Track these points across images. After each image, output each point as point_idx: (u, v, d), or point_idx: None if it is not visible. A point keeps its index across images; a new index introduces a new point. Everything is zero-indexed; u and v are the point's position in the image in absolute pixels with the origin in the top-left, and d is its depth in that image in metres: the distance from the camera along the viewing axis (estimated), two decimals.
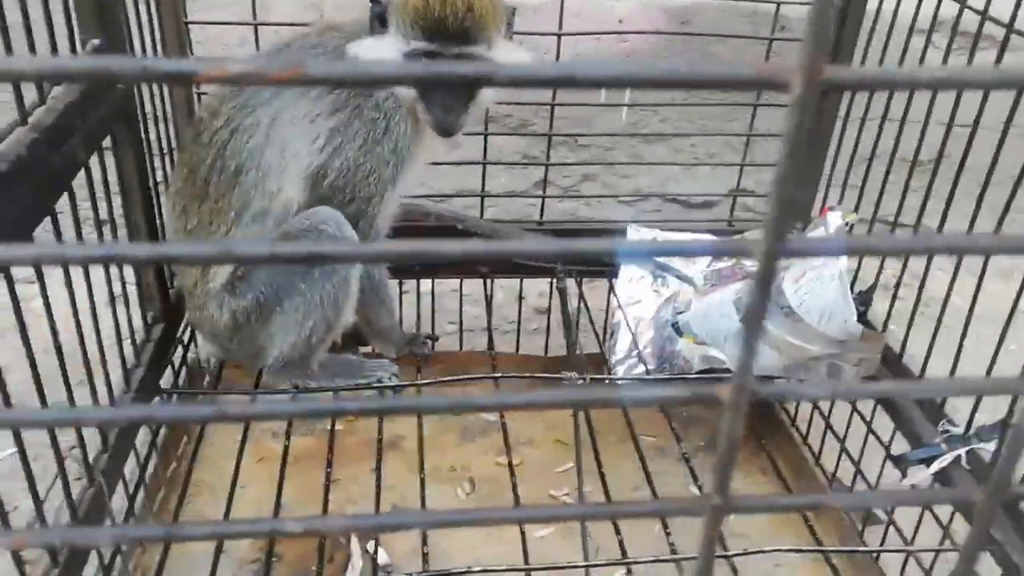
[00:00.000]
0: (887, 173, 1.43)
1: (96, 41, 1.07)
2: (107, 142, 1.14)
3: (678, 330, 1.58)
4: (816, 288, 1.49)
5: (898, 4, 1.42)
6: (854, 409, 1.48)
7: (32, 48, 0.92)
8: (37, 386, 0.96)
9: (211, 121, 1.26)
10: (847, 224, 1.53)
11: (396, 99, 1.25)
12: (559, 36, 1.53)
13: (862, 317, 1.46)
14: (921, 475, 1.25)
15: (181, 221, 1.31)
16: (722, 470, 0.36)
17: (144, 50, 1.28)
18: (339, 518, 0.33)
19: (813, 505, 0.36)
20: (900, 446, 1.36)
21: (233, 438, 1.60)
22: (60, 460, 0.96)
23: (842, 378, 1.45)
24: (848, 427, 1.51)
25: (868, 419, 1.44)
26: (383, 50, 1.19)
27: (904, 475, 1.28)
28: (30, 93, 0.91)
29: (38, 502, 0.95)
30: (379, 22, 1.21)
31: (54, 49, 0.98)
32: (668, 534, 1.21)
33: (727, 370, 1.47)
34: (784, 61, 0.29)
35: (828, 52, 0.27)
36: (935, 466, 1.24)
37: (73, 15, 1.04)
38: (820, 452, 1.58)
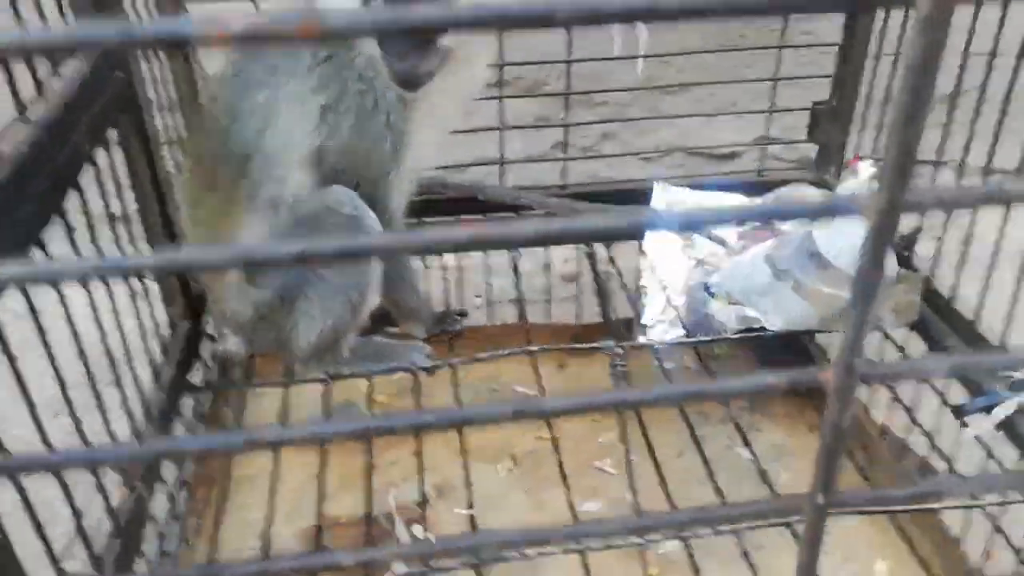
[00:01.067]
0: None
1: None
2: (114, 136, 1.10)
3: (710, 292, 1.53)
4: (845, 228, 1.42)
5: None
6: (901, 353, 1.42)
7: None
8: (64, 396, 0.93)
9: (212, 106, 1.21)
10: (877, 171, 1.47)
11: (375, 66, 1.17)
12: None
13: (905, 261, 1.40)
14: (984, 424, 1.19)
15: (194, 212, 1.26)
16: (826, 466, 0.31)
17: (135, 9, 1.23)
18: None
19: (927, 495, 0.31)
20: (955, 395, 1.30)
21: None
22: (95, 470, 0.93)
23: (881, 328, 1.39)
24: None
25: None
26: None
27: (964, 425, 1.22)
28: (26, 88, 0.87)
29: (76, 514, 0.93)
30: None
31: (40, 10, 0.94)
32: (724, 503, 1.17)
33: (763, 328, 1.42)
34: None
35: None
36: (997, 412, 1.18)
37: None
38: (868, 402, 1.53)
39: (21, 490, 0.78)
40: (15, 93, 0.81)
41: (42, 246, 0.83)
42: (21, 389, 0.81)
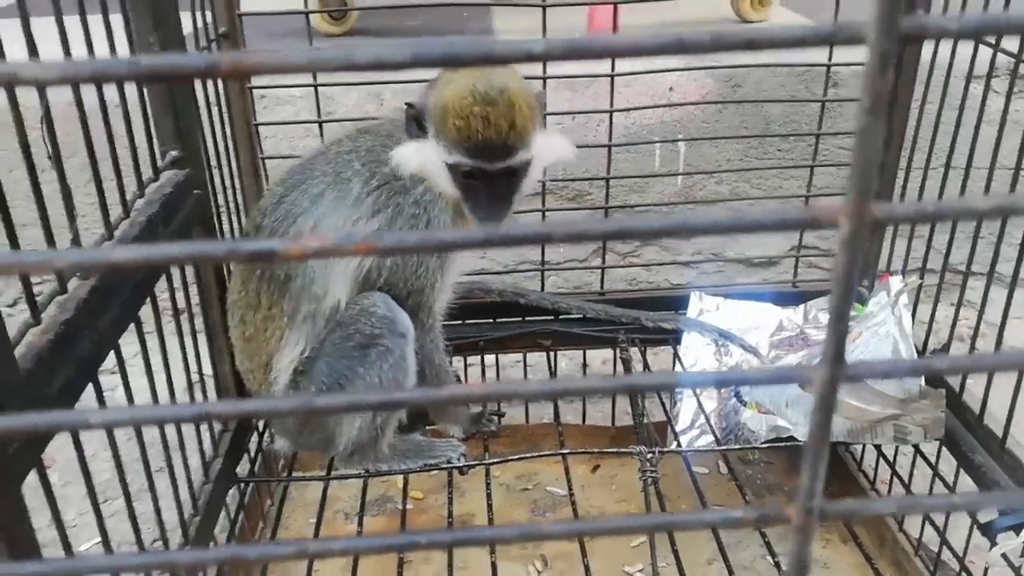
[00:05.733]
0: (955, 222, 1.39)
1: (175, 152, 1.14)
2: None
3: (742, 400, 1.56)
4: (872, 345, 1.46)
5: (953, 51, 1.40)
6: (935, 474, 1.43)
7: (115, 160, 0.98)
8: (120, 478, 0.99)
9: (255, 235, 1.31)
10: (906, 287, 1.51)
11: (434, 192, 1.27)
12: (611, 112, 1.56)
13: (937, 377, 1.43)
14: (1011, 543, 1.19)
15: (239, 329, 1.35)
16: None
17: (217, 152, 1.34)
18: None
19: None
20: (986, 512, 1.31)
21: (307, 521, 1.63)
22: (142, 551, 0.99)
23: (909, 441, 1.40)
24: (931, 492, 1.45)
25: (951, 484, 1.39)
26: (425, 156, 1.22)
27: (993, 543, 1.23)
28: (115, 208, 0.98)
29: None
30: (416, 124, 1.23)
31: (135, 161, 1.05)
32: None
33: (792, 438, 1.45)
34: (839, 119, 0.30)
35: (874, 192, 0.28)
36: None
37: (153, 129, 1.11)
38: (903, 518, 1.53)
39: None
40: (106, 214, 0.92)
41: (118, 350, 0.92)
42: (84, 474, 0.88)
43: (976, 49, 1.36)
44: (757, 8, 2.40)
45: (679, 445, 1.51)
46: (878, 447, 1.58)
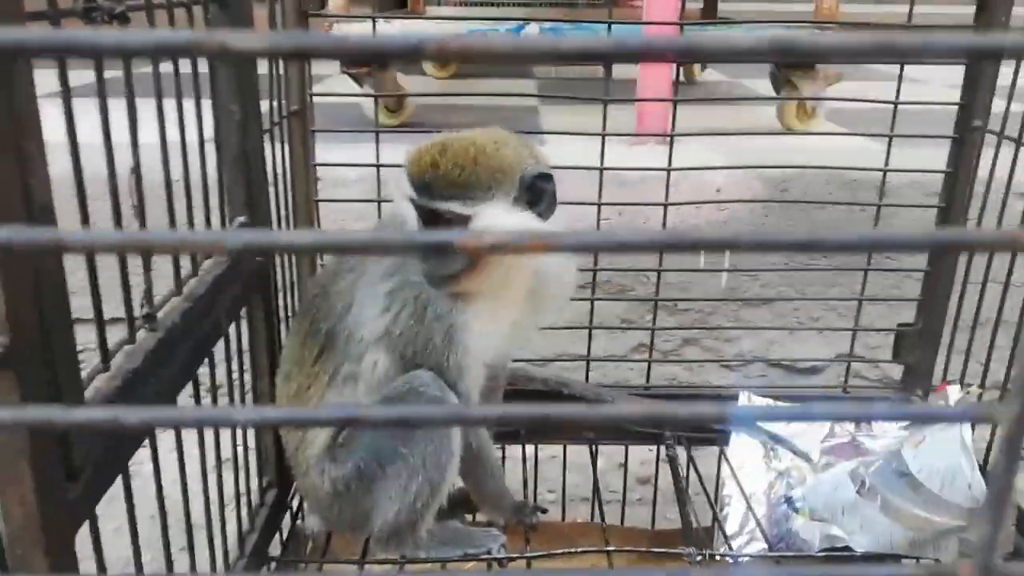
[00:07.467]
0: (1017, 338, 1.37)
1: (242, 218, 1.16)
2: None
3: (794, 506, 1.50)
4: (937, 451, 1.40)
5: (1012, 171, 1.41)
6: None
7: (191, 219, 1.00)
8: (166, 549, 0.96)
9: (312, 289, 1.33)
10: (966, 397, 1.46)
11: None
12: (665, 206, 1.57)
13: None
14: None
15: (285, 387, 1.33)
16: None
17: (279, 224, 1.37)
18: None
19: None
20: None
21: None
22: None
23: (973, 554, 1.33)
24: None
25: None
26: (404, 202, 1.24)
27: None
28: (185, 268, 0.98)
29: None
30: None
31: (208, 224, 1.06)
32: None
33: (848, 548, 1.38)
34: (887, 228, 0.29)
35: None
36: None
37: (226, 196, 1.13)
38: None
39: None
40: (177, 270, 0.92)
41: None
42: (132, 528, 0.85)
43: None
44: (803, 120, 2.45)
45: (730, 549, 1.44)
46: (937, 562, 1.50)
